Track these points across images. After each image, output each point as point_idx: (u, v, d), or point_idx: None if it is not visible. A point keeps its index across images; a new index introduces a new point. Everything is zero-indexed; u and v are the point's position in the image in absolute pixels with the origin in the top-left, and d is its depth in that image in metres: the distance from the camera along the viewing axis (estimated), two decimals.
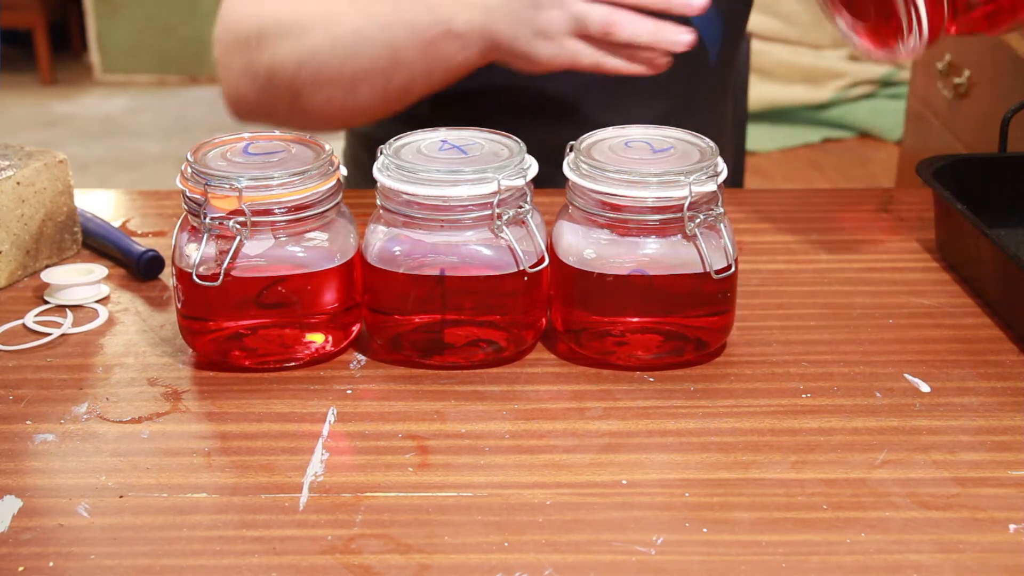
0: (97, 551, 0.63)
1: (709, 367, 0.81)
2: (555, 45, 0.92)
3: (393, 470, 0.70)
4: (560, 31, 0.92)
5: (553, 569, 0.61)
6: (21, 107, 4.27)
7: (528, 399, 0.77)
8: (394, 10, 0.98)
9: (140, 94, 4.46)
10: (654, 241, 0.77)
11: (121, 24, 4.51)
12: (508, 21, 0.93)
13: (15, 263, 0.93)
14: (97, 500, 0.67)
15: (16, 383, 0.79)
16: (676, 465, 0.70)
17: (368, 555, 0.62)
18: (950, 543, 0.63)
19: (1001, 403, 0.76)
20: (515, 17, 0.93)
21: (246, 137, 0.82)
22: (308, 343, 0.81)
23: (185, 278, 0.78)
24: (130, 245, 0.95)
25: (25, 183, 0.92)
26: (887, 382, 0.79)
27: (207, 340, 0.80)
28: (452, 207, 0.76)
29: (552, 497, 0.67)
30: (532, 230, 0.78)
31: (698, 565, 0.62)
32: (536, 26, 0.92)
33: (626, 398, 0.77)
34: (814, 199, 1.11)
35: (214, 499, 0.67)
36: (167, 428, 0.74)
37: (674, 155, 0.79)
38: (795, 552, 0.63)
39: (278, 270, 0.78)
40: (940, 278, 0.93)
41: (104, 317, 0.88)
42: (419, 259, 0.78)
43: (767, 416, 0.75)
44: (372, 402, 0.77)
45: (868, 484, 0.68)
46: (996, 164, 1.00)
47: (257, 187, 0.76)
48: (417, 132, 0.83)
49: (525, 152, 0.79)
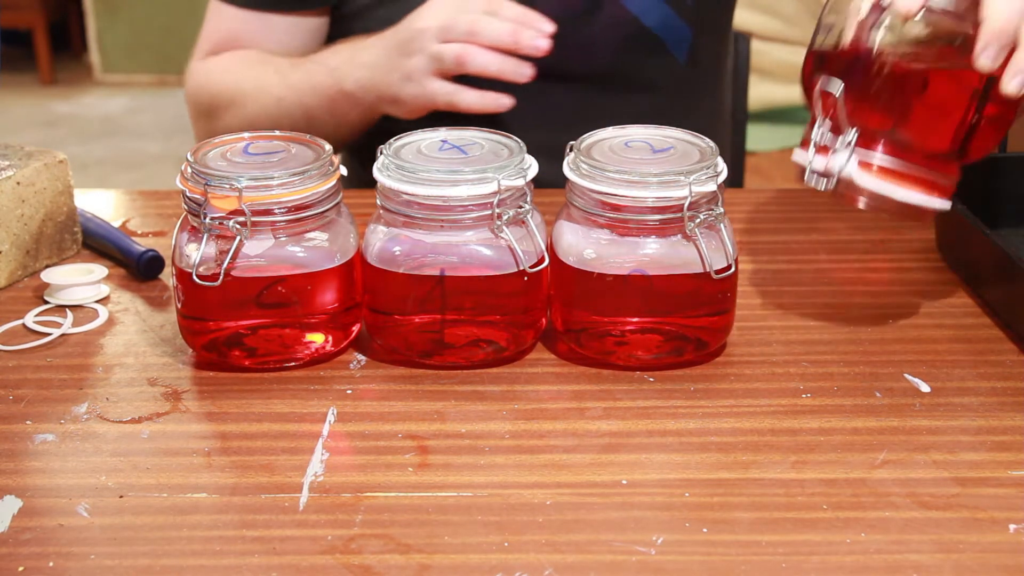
0: (97, 551, 0.63)
1: (709, 367, 0.81)
2: (418, 86, 1.05)
3: (393, 470, 0.70)
4: (422, 72, 1.04)
5: (553, 569, 0.61)
6: (21, 107, 4.27)
7: (528, 399, 0.77)
8: (306, 77, 1.12)
9: (140, 94, 4.45)
10: (654, 241, 0.77)
11: (121, 24, 4.51)
12: (384, 71, 1.07)
13: (15, 263, 0.93)
14: (97, 500, 0.67)
15: (16, 383, 0.79)
16: (676, 465, 0.70)
17: (368, 555, 0.62)
18: (950, 543, 0.63)
19: (1001, 403, 0.76)
20: (389, 67, 1.06)
21: (246, 137, 0.82)
22: (308, 343, 0.81)
23: (185, 278, 0.77)
24: (130, 245, 0.95)
25: (25, 183, 0.92)
26: (887, 382, 0.79)
27: (207, 340, 0.80)
28: (452, 207, 0.76)
29: (552, 497, 0.67)
30: (532, 230, 0.78)
31: (698, 565, 0.62)
32: (404, 71, 1.05)
33: (626, 398, 0.77)
34: (814, 199, 1.11)
35: (214, 499, 0.67)
36: (167, 428, 0.74)
37: (674, 155, 0.79)
38: (795, 552, 0.62)
39: (278, 270, 0.78)
40: (940, 278, 0.93)
41: (104, 317, 0.88)
42: (419, 259, 0.78)
43: (767, 416, 0.75)
44: (372, 402, 0.77)
45: (868, 484, 0.68)
46: (996, 164, 1.00)
47: (257, 187, 0.76)
48: (417, 132, 0.83)
49: (525, 152, 0.79)
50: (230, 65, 1.20)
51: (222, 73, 1.20)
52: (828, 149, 0.78)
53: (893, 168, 0.77)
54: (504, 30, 1.01)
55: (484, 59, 1.01)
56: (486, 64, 1.02)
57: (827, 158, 0.78)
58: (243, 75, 1.18)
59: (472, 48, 1.01)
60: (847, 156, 0.77)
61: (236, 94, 1.18)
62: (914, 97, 0.77)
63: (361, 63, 1.09)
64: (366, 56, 1.09)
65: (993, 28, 0.72)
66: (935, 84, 0.77)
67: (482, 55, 1.01)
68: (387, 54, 1.06)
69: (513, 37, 1.01)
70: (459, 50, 1.02)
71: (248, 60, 1.19)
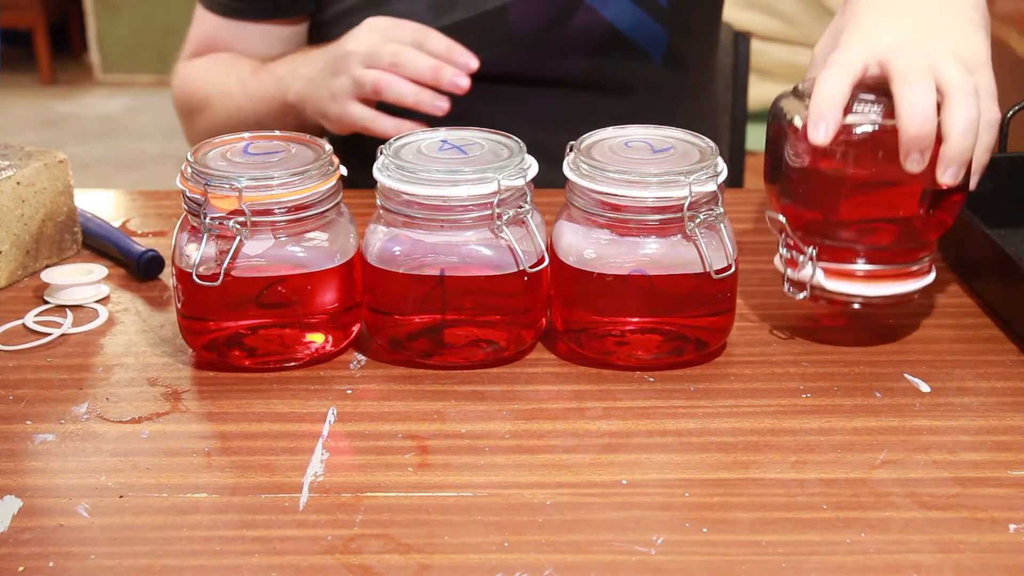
0: (97, 551, 0.63)
1: (709, 367, 0.81)
2: (340, 106, 1.08)
3: (393, 470, 0.70)
4: (345, 94, 1.07)
5: (553, 569, 0.61)
6: (21, 107, 4.27)
7: (528, 399, 0.77)
8: (260, 86, 1.16)
9: (140, 94, 4.46)
10: (654, 241, 0.77)
11: (121, 24, 4.51)
12: (316, 87, 1.10)
13: (15, 263, 0.93)
14: (97, 500, 0.67)
15: (16, 383, 0.79)
16: (676, 465, 0.70)
17: (368, 555, 0.62)
18: (950, 543, 0.63)
19: (1001, 403, 0.76)
20: (319, 83, 1.10)
21: (246, 137, 0.82)
22: (308, 343, 0.81)
23: (185, 278, 0.77)
24: (130, 245, 0.95)
25: (25, 183, 0.92)
26: (887, 382, 0.79)
27: (207, 340, 0.80)
28: (452, 207, 0.76)
29: (552, 497, 0.67)
30: (532, 230, 0.78)
31: (698, 565, 0.62)
32: (330, 90, 1.08)
33: (626, 398, 0.77)
34: None
35: (214, 499, 0.67)
36: (167, 428, 0.74)
37: (674, 155, 0.79)
38: (795, 552, 0.62)
39: (278, 270, 0.78)
40: (940, 278, 0.93)
41: (104, 317, 0.88)
42: (419, 259, 0.78)
43: (767, 416, 0.75)
44: (372, 402, 0.77)
45: (868, 484, 0.68)
46: (996, 164, 0.99)
47: (257, 187, 0.76)
48: (417, 132, 0.83)
49: (525, 152, 0.79)
50: (203, 69, 1.24)
51: (196, 77, 1.24)
52: (796, 263, 0.81)
53: (859, 271, 0.80)
54: (426, 66, 1.04)
55: (401, 89, 1.04)
56: (402, 95, 1.04)
57: (796, 272, 0.81)
58: (211, 80, 1.22)
59: (391, 78, 1.04)
60: (811, 269, 0.80)
61: (204, 99, 1.22)
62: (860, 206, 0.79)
63: (300, 75, 1.12)
64: (305, 69, 1.12)
65: (909, 135, 0.73)
66: (876, 192, 0.79)
67: (399, 85, 1.04)
68: (321, 71, 1.10)
69: (434, 74, 1.04)
70: (378, 78, 1.04)
71: (218, 65, 1.22)
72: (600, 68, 1.18)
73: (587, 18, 1.15)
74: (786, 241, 0.82)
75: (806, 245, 0.80)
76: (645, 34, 1.18)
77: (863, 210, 0.80)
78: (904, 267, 0.80)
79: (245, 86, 1.17)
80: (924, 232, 0.80)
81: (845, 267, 0.80)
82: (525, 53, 1.16)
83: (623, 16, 1.16)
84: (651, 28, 1.18)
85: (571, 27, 1.15)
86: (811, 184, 0.78)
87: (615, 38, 1.17)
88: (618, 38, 1.17)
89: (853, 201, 0.79)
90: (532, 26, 1.15)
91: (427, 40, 1.06)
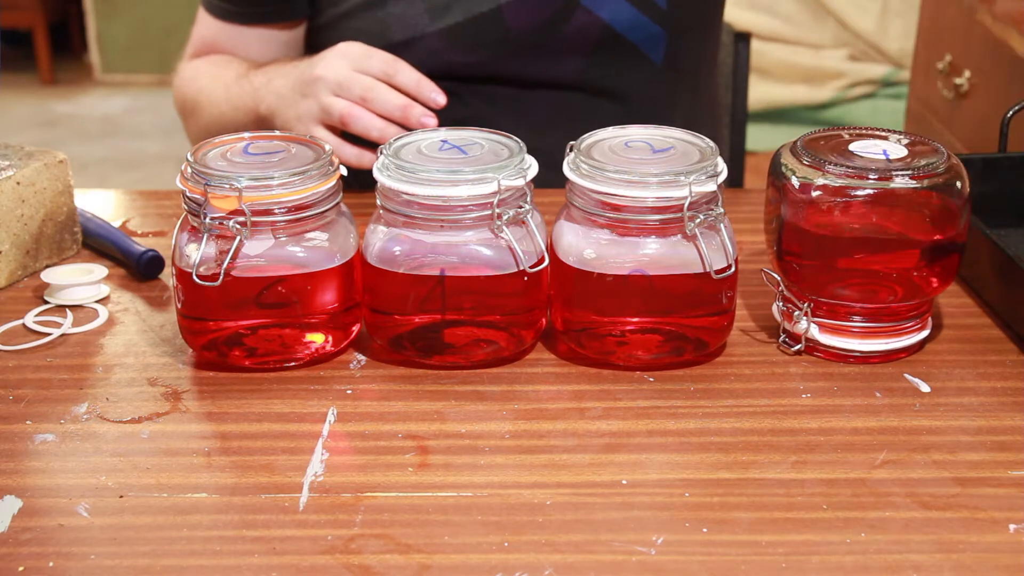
0: (97, 551, 0.63)
1: (709, 367, 0.81)
2: (304, 128, 1.08)
3: (393, 470, 0.70)
4: (311, 117, 1.08)
5: (553, 569, 0.61)
6: (21, 107, 4.27)
7: (528, 399, 0.77)
8: (241, 95, 1.17)
9: (140, 94, 4.45)
10: (654, 241, 0.77)
11: (121, 24, 4.51)
12: (285, 104, 1.10)
13: (15, 263, 0.93)
14: (97, 500, 0.67)
15: (16, 383, 0.79)
16: (676, 465, 0.70)
17: (368, 555, 0.62)
18: (950, 543, 0.63)
19: (1001, 403, 0.76)
20: (288, 102, 1.10)
21: (246, 137, 0.82)
22: (308, 343, 0.81)
23: (185, 278, 0.78)
24: (130, 245, 0.95)
25: (25, 183, 0.92)
26: (887, 382, 0.79)
27: (207, 340, 0.80)
28: (452, 207, 0.76)
29: (552, 497, 0.67)
30: (532, 230, 0.78)
31: (698, 565, 0.62)
32: (297, 111, 1.09)
33: (626, 398, 0.77)
34: None
35: (214, 499, 0.67)
36: (167, 428, 0.74)
37: (674, 155, 0.79)
38: (795, 552, 0.63)
39: (278, 270, 0.78)
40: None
41: (104, 317, 0.88)
42: (419, 259, 0.78)
43: (767, 416, 0.75)
44: (372, 402, 0.77)
45: (868, 484, 0.68)
46: (996, 164, 1.00)
47: (257, 187, 0.76)
48: (417, 132, 0.83)
49: (525, 152, 0.79)
50: (198, 72, 1.24)
51: (192, 79, 1.25)
52: (791, 318, 0.82)
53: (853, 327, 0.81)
54: (395, 104, 1.04)
55: (368, 123, 1.04)
56: (368, 129, 1.04)
57: (792, 326, 0.82)
58: (202, 84, 1.22)
59: (359, 111, 1.04)
60: (806, 324, 0.81)
61: (194, 103, 1.23)
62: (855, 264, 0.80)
63: (272, 89, 1.12)
64: (278, 83, 1.12)
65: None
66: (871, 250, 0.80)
67: (367, 119, 1.04)
68: (291, 89, 1.10)
69: (403, 112, 1.04)
70: (347, 110, 1.04)
71: (213, 67, 1.23)
72: (598, 70, 1.18)
73: (584, 19, 1.15)
74: (782, 294, 0.82)
75: (801, 301, 0.81)
76: (643, 35, 1.18)
77: (858, 268, 0.80)
78: (899, 324, 0.81)
79: (229, 92, 1.18)
80: (922, 290, 0.80)
81: (840, 324, 0.81)
82: (522, 55, 1.16)
83: (620, 17, 1.16)
84: (649, 29, 1.18)
85: (568, 28, 1.15)
86: (806, 242, 0.79)
87: (612, 39, 1.17)
88: (615, 39, 1.17)
89: (848, 259, 0.80)
90: (528, 28, 1.15)
91: (397, 72, 1.05)
